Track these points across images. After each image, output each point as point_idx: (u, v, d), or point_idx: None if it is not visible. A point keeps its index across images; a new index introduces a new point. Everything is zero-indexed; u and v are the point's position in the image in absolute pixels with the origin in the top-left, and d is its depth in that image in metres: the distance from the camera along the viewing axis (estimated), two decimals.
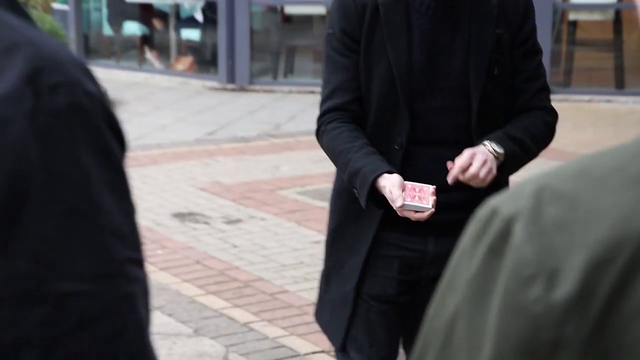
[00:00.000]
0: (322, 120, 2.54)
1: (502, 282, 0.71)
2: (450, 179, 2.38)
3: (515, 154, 2.45)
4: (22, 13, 0.89)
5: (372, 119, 2.49)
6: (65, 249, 0.81)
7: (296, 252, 5.22)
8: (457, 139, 2.48)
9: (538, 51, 2.57)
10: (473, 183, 2.38)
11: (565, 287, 0.69)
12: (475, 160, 2.36)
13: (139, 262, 0.86)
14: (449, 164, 2.40)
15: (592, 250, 0.68)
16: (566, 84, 9.57)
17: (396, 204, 2.34)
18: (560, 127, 8.55)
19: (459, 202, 2.50)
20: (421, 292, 2.54)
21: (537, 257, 0.70)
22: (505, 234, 0.71)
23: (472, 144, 2.46)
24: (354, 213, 2.55)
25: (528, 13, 2.53)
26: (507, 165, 2.43)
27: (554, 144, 8.20)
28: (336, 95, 2.53)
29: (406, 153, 2.49)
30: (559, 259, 0.69)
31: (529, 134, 2.50)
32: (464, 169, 2.36)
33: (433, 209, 2.36)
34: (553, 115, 2.58)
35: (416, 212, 2.37)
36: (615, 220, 0.68)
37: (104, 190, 0.83)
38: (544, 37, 9.15)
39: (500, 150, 2.40)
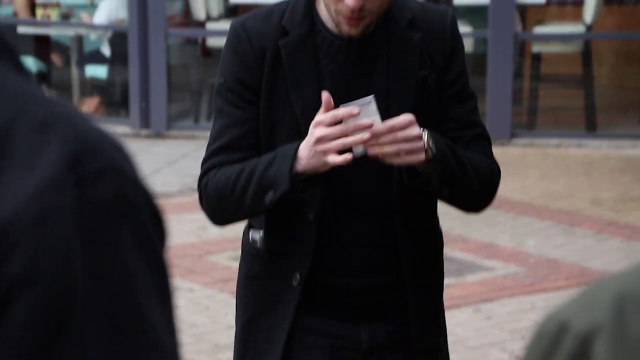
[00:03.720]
0: (206, 178, 2.46)
1: None
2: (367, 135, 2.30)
3: (448, 162, 2.38)
4: (24, 71, 0.90)
5: None
6: None
7: (232, 329, 5.14)
8: (378, 207, 2.48)
9: (470, 95, 2.57)
10: (388, 149, 2.31)
11: None
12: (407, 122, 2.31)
13: None
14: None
15: None
16: (531, 126, 9.69)
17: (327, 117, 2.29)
18: (527, 177, 8.68)
19: (391, 283, 2.52)
20: None
21: None
22: (582, 356, 0.69)
23: (393, 213, 2.44)
24: (269, 302, 2.52)
25: (456, 51, 2.53)
26: (435, 170, 2.36)
27: (522, 197, 8.27)
28: (226, 153, 2.47)
29: (320, 226, 2.46)
30: None
31: (470, 159, 2.45)
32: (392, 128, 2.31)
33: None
34: (496, 166, 2.54)
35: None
36: None
37: (151, 299, 0.83)
38: (504, 72, 9.30)
39: (432, 146, 2.34)
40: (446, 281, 2.72)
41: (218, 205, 2.46)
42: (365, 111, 2.32)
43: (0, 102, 0.83)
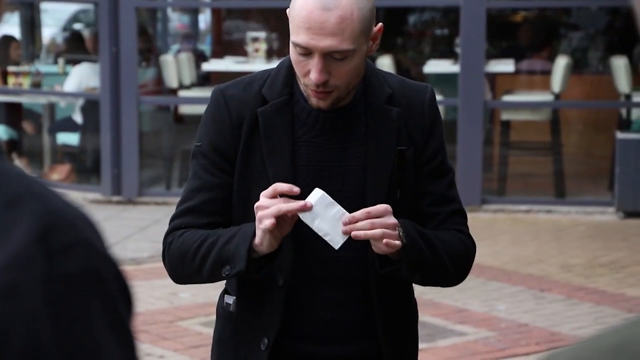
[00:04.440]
0: (171, 237, 2.47)
1: None
2: (347, 227, 2.30)
3: (420, 249, 2.37)
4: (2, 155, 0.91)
5: None
6: None
7: None
8: (352, 276, 2.46)
9: (448, 171, 2.55)
10: (372, 233, 2.30)
11: None
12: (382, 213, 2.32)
13: None
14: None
15: None
16: (500, 192, 9.75)
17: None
18: (498, 242, 8.72)
19: (365, 352, 2.50)
20: None
21: None
22: None
23: (369, 282, 2.43)
24: None
25: (435, 127, 2.53)
26: (406, 258, 2.34)
27: (493, 262, 8.30)
28: (190, 215, 2.47)
29: (290, 292, 2.45)
30: None
31: (443, 243, 2.45)
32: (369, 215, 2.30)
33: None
34: (471, 242, 2.54)
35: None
36: None
37: None
38: (474, 140, 9.37)
39: (403, 235, 2.33)
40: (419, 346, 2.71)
41: (179, 267, 2.46)
42: (321, 204, 2.32)
43: None
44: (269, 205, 2.27)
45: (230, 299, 2.52)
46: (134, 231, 8.64)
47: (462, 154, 9.39)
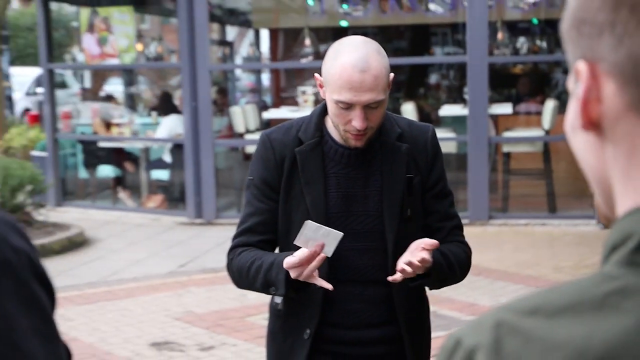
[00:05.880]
0: (232, 254, 2.50)
1: None
2: (398, 276, 2.33)
3: (442, 266, 2.41)
4: None
5: None
6: None
7: None
8: (377, 278, 2.46)
9: (448, 193, 2.57)
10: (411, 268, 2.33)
11: None
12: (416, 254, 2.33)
13: None
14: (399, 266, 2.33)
15: None
16: (504, 210, 9.70)
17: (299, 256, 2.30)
18: (502, 250, 8.65)
19: (388, 336, 2.50)
20: None
21: None
22: None
23: (390, 283, 2.42)
24: (287, 351, 2.51)
25: (436, 159, 2.54)
26: (434, 274, 2.38)
27: (498, 265, 8.21)
28: (247, 235, 2.50)
29: (326, 292, 2.43)
30: None
31: (455, 256, 2.48)
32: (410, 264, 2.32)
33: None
34: (469, 249, 2.57)
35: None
36: (568, 351, 0.70)
37: (29, 336, 0.83)
38: (481, 168, 9.34)
39: (428, 257, 2.34)
40: (437, 334, 2.69)
41: (239, 280, 2.49)
42: (310, 230, 2.32)
43: None
44: (300, 274, 2.31)
45: (279, 300, 2.52)
46: (213, 246, 8.69)
47: (472, 180, 9.36)
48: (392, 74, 2.43)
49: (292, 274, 2.32)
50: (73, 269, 8.07)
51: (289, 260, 2.32)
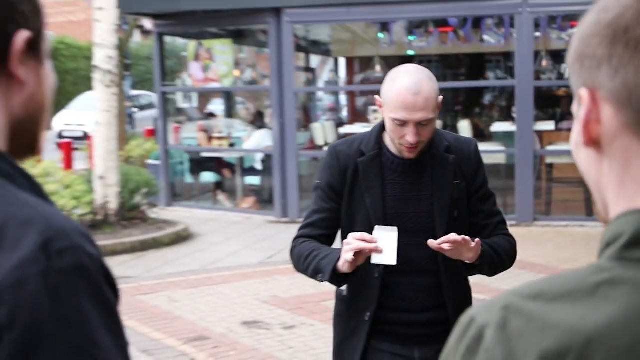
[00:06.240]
0: (295, 242, 2.52)
1: None
2: (436, 244, 2.29)
3: (490, 255, 2.40)
4: (41, 194, 0.91)
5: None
6: None
7: None
8: (428, 269, 2.45)
9: (491, 195, 2.55)
10: (463, 250, 2.30)
11: None
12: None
13: None
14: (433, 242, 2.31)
15: (545, 354, 0.72)
16: (547, 213, 9.53)
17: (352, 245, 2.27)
18: (544, 248, 8.47)
19: (436, 318, 2.48)
20: None
21: (503, 356, 0.74)
22: (479, 338, 0.75)
23: (440, 272, 2.43)
24: (350, 331, 2.51)
25: (479, 168, 2.53)
26: (485, 263, 2.37)
27: (540, 261, 8.03)
28: (310, 228, 2.51)
29: (383, 280, 2.44)
30: (521, 358, 0.73)
31: (500, 247, 2.46)
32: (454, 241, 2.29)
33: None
34: (513, 240, 2.54)
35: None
36: (562, 331, 0.72)
37: (103, 331, 0.83)
38: (527, 177, 9.20)
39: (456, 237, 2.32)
40: None
41: (296, 265, 2.50)
42: (386, 239, 2.30)
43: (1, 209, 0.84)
44: (352, 243, 2.29)
45: (344, 288, 2.53)
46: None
47: (519, 187, 9.23)
48: (440, 97, 2.43)
49: (348, 239, 2.30)
50: (180, 258, 8.21)
51: (354, 234, 2.30)
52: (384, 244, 2.30)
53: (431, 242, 2.32)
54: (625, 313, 0.72)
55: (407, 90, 2.34)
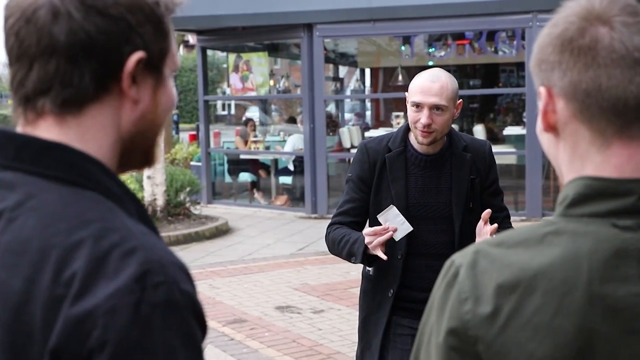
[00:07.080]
0: (330, 228, 2.59)
1: (451, 301, 0.87)
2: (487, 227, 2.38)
3: None
4: (147, 221, 0.89)
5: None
6: None
7: None
8: (444, 252, 2.47)
9: (500, 192, 2.62)
10: (482, 232, 2.38)
11: (485, 305, 0.85)
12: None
13: None
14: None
15: (501, 286, 0.85)
16: (554, 209, 9.47)
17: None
18: None
19: None
20: None
21: (470, 288, 0.86)
22: (455, 275, 0.89)
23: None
24: (375, 306, 2.56)
25: (492, 166, 2.60)
26: None
27: None
28: (342, 215, 2.57)
29: (405, 262, 2.50)
30: (483, 289, 0.86)
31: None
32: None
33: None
34: None
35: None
36: (515, 268, 0.85)
37: None
38: (536, 176, 9.16)
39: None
40: None
41: (332, 248, 2.57)
42: (392, 214, 2.40)
43: (106, 236, 0.81)
44: (372, 241, 2.37)
45: (370, 269, 2.59)
46: (324, 235, 8.72)
47: (529, 185, 9.20)
48: (460, 100, 2.49)
49: (366, 240, 2.38)
50: (220, 250, 8.30)
51: (367, 230, 2.40)
52: (394, 222, 2.39)
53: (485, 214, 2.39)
54: (562, 255, 0.84)
55: (425, 78, 2.46)
